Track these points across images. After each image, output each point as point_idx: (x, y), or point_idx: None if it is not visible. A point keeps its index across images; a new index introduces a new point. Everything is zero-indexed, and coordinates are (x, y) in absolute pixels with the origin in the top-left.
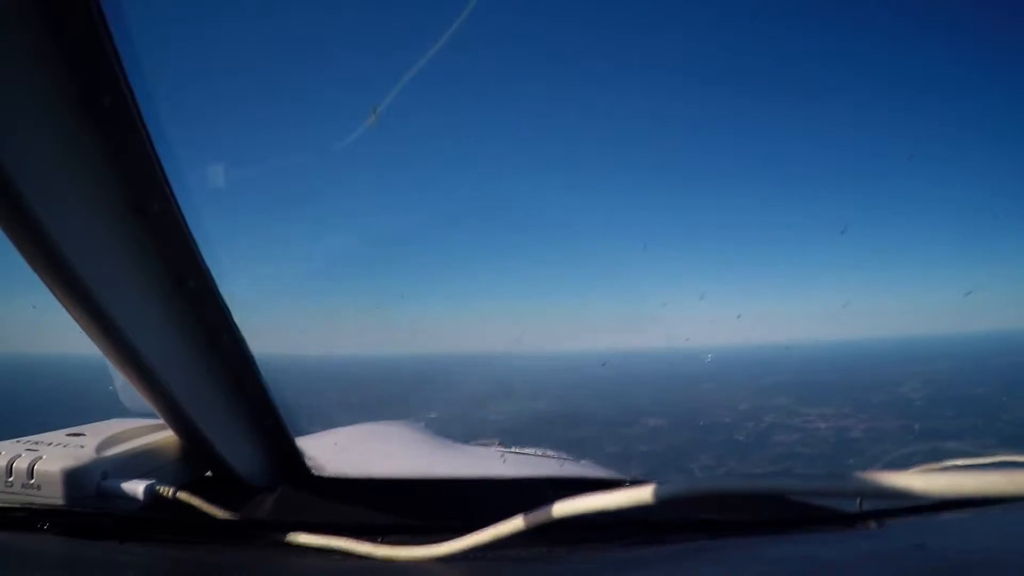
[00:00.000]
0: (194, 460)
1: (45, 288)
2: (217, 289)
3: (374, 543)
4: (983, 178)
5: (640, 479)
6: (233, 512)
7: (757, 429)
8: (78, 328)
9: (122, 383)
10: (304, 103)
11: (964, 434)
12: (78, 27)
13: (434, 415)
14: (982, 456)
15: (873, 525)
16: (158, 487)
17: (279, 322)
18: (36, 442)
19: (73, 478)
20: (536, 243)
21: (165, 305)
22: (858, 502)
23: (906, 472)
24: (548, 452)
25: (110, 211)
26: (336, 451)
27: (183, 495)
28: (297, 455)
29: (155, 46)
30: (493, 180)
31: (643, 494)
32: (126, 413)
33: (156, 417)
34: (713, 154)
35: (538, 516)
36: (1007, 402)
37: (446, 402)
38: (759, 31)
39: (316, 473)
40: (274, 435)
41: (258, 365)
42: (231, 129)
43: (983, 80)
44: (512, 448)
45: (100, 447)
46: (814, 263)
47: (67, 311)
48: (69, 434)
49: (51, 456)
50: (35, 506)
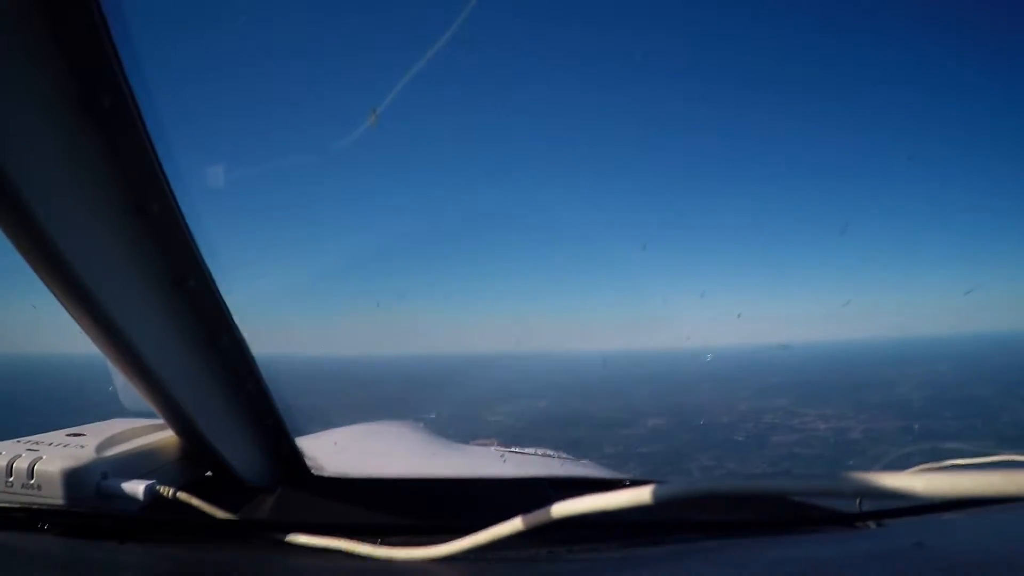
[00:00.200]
0: (194, 460)
1: (45, 288)
2: (217, 289)
3: (374, 544)
4: (983, 178)
5: (640, 479)
6: (233, 512)
7: (756, 430)
8: (78, 328)
9: (122, 383)
10: (304, 103)
11: (963, 435)
12: (78, 27)
13: (433, 415)
14: (982, 456)
15: (873, 525)
16: (158, 487)
17: (279, 322)
18: (36, 442)
19: (73, 478)
20: (536, 243)
21: (165, 305)
22: (858, 502)
23: (906, 472)
24: (548, 452)
25: (110, 211)
26: (336, 451)
27: (183, 495)
28: (297, 455)
29: (155, 46)
30: (493, 180)
31: (643, 494)
32: (126, 413)
33: (156, 417)
34: (713, 154)
35: (538, 516)
36: (1007, 403)
37: (446, 402)
38: (758, 31)
39: (316, 473)
40: (274, 435)
41: (258, 365)
42: (231, 129)
43: (983, 80)
44: (511, 448)
45: (100, 447)
46: (814, 263)
47: (67, 311)
48: (69, 434)
49: (51, 456)
50: (35, 506)
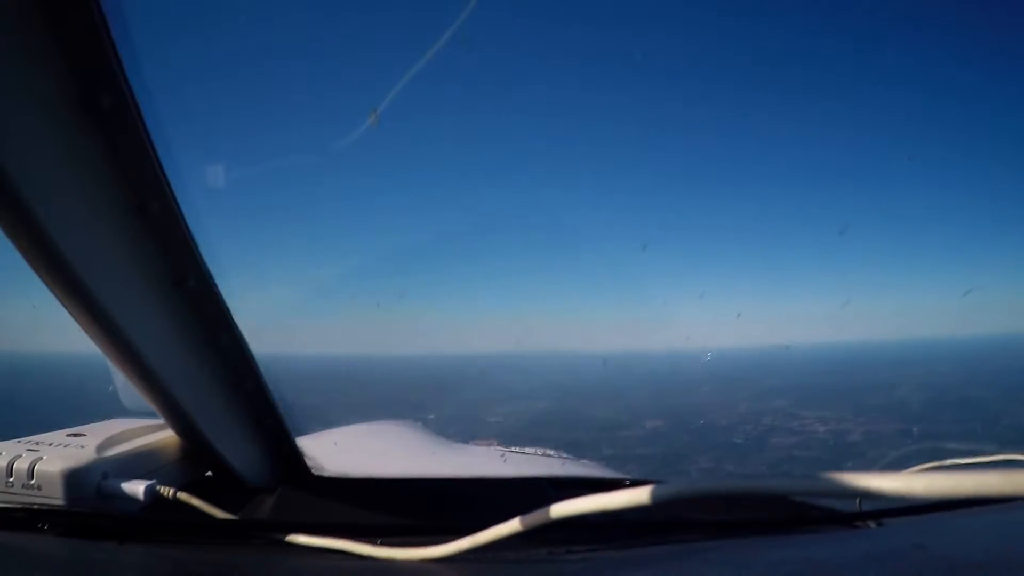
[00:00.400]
0: (194, 460)
1: (45, 288)
2: (217, 289)
3: (373, 544)
4: (983, 179)
5: (640, 479)
6: (233, 512)
7: (755, 432)
8: (78, 328)
9: (122, 383)
10: (304, 103)
11: (963, 438)
12: (78, 27)
13: (432, 416)
14: (981, 456)
15: (873, 525)
16: (158, 487)
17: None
18: (36, 442)
19: (73, 478)
20: (536, 243)
21: (165, 304)
22: (858, 502)
23: (906, 472)
24: (548, 452)
25: (110, 211)
26: (336, 451)
27: (183, 495)
28: (297, 455)
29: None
30: (493, 180)
31: (643, 494)
32: (126, 413)
33: (156, 417)
34: (713, 155)
35: (538, 516)
36: (1006, 406)
37: (446, 403)
38: (758, 31)
39: (316, 473)
40: (274, 435)
41: (258, 364)
42: (231, 129)
43: (984, 81)
44: (511, 448)
45: (100, 447)
46: (813, 264)
47: (67, 311)
48: (69, 434)
49: (52, 456)
50: (35, 506)
